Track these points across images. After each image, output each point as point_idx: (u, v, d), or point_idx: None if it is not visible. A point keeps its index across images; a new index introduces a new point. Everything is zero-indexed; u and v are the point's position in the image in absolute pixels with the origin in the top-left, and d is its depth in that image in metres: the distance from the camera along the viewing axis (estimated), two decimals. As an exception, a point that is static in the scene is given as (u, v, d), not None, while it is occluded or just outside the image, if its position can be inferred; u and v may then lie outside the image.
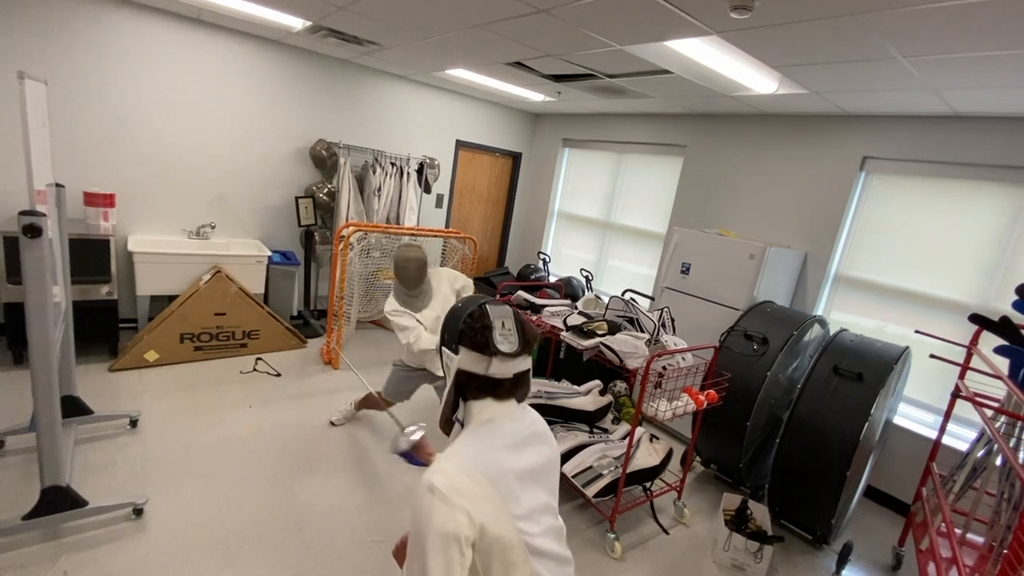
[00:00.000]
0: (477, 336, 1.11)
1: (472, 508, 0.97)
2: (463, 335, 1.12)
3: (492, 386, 1.12)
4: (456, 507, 0.95)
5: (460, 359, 1.13)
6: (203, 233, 4.30)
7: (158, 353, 3.65)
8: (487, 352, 1.10)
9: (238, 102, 4.28)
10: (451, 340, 1.15)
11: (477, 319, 1.13)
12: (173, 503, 2.38)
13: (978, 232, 3.14)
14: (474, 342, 1.11)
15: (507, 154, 6.27)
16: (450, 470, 1.00)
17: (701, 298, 3.70)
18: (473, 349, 1.11)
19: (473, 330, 1.12)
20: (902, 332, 3.41)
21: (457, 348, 1.13)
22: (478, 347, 1.11)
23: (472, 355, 1.12)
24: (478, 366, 1.11)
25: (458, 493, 0.97)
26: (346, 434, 3.22)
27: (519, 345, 1.13)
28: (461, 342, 1.13)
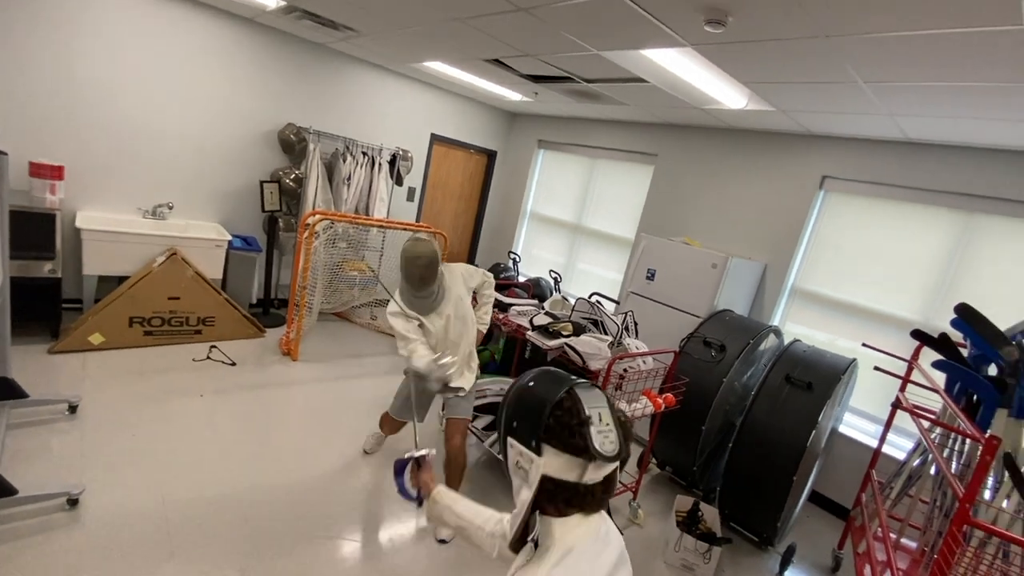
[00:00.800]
0: (572, 436, 0.86)
1: None
2: (551, 432, 0.87)
3: (583, 497, 0.88)
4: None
5: (545, 463, 0.86)
6: (160, 213, 4.11)
7: (104, 336, 3.46)
8: (585, 456, 0.85)
9: (205, 79, 4.11)
10: (529, 435, 0.89)
11: (570, 412, 0.87)
12: (112, 494, 2.27)
13: (925, 253, 3.32)
14: (567, 444, 0.86)
15: (482, 151, 6.25)
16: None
17: (664, 304, 3.78)
18: (565, 451, 0.86)
19: (566, 428, 0.86)
20: (851, 345, 3.57)
21: (539, 448, 0.87)
22: (573, 450, 0.86)
23: (562, 459, 0.86)
24: (570, 473, 0.86)
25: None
26: (298, 429, 3.14)
27: (620, 443, 0.88)
28: (548, 441, 0.87)
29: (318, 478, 2.69)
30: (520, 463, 0.90)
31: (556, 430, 0.87)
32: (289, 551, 2.18)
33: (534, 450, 0.87)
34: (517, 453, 0.90)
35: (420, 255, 2.25)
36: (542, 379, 0.96)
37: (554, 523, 0.89)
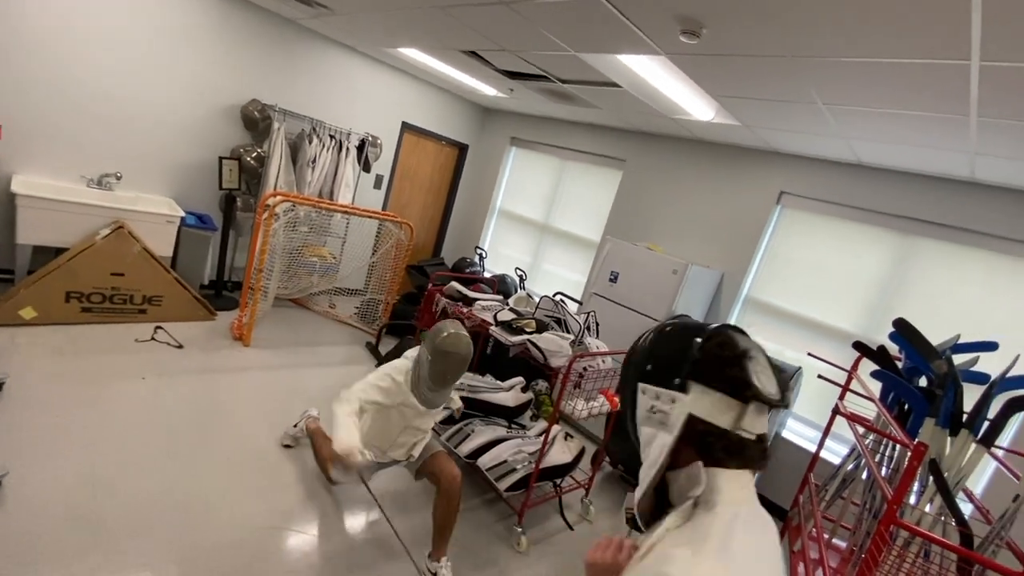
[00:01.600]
0: (730, 366, 0.74)
1: None
2: (703, 366, 0.75)
3: (743, 448, 0.74)
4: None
5: (693, 401, 0.74)
6: (106, 183, 3.87)
7: (36, 311, 3.23)
8: (744, 395, 0.73)
9: (166, 46, 3.89)
10: (670, 373, 0.76)
11: (725, 345, 0.76)
12: (39, 478, 2.12)
13: (868, 271, 3.53)
14: (723, 377, 0.74)
15: (454, 144, 6.20)
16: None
17: (625, 306, 3.85)
18: (719, 389, 0.74)
19: (722, 359, 0.75)
20: (797, 354, 3.75)
21: (686, 385, 0.74)
22: (730, 385, 0.74)
23: (714, 397, 0.74)
24: (722, 416, 0.73)
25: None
26: (246, 418, 3.03)
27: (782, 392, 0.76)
28: (697, 377, 0.74)
29: (264, 467, 2.60)
30: (656, 407, 0.76)
31: (708, 363, 0.74)
32: (232, 543, 2.10)
33: (677, 387, 0.74)
34: (652, 397, 0.77)
35: (462, 354, 2.06)
36: (681, 323, 0.83)
37: (716, 474, 0.72)
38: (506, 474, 2.72)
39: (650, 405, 0.78)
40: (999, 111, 2.08)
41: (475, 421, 3.03)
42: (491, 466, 2.65)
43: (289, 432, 2.80)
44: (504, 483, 2.71)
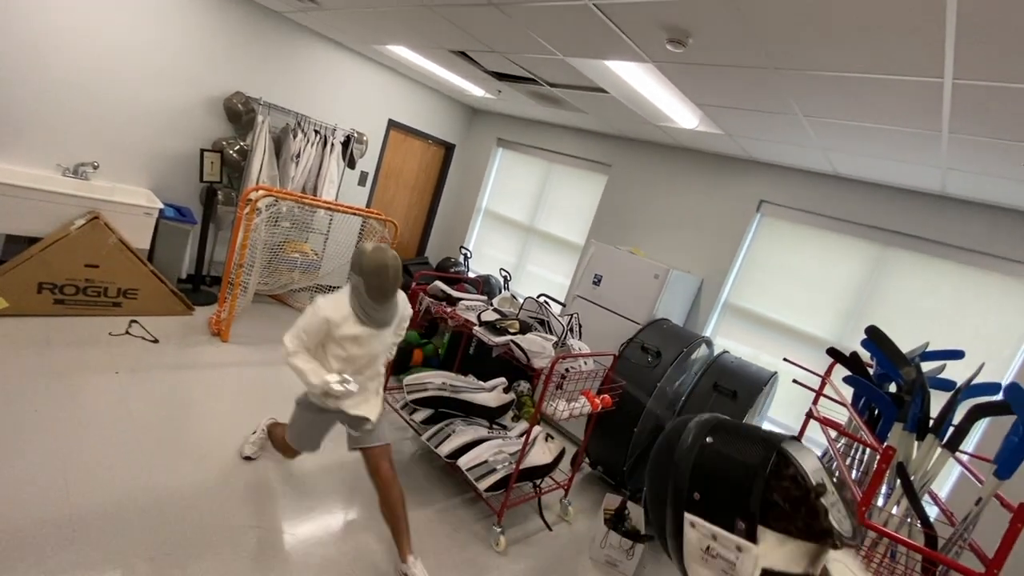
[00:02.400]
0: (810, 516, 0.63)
1: None
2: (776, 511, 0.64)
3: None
4: None
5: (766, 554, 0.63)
6: (82, 172, 3.77)
7: (6, 301, 3.13)
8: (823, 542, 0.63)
9: (150, 31, 3.81)
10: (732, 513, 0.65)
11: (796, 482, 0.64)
12: (9, 473, 2.06)
13: (843, 279, 3.62)
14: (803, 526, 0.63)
15: (440, 143, 6.19)
16: None
17: (607, 309, 3.89)
18: (796, 536, 0.63)
19: (798, 504, 0.63)
20: (773, 360, 3.83)
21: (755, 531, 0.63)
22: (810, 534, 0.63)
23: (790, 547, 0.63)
24: (795, 564, 0.63)
25: None
26: (223, 412, 2.98)
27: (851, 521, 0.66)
28: (770, 523, 0.64)
29: (239, 465, 2.56)
30: (714, 550, 0.66)
31: (783, 508, 0.63)
32: (208, 543, 2.07)
33: (742, 534, 0.63)
34: (707, 536, 0.66)
35: (391, 264, 2.04)
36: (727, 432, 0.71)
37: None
38: (486, 474, 2.72)
39: (706, 546, 0.67)
40: (970, 127, 2.16)
41: (456, 421, 3.03)
42: (471, 466, 2.65)
43: (249, 440, 2.64)
44: (484, 483, 2.71)
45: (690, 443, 0.71)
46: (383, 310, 2.12)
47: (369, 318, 2.10)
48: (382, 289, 2.05)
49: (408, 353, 4.01)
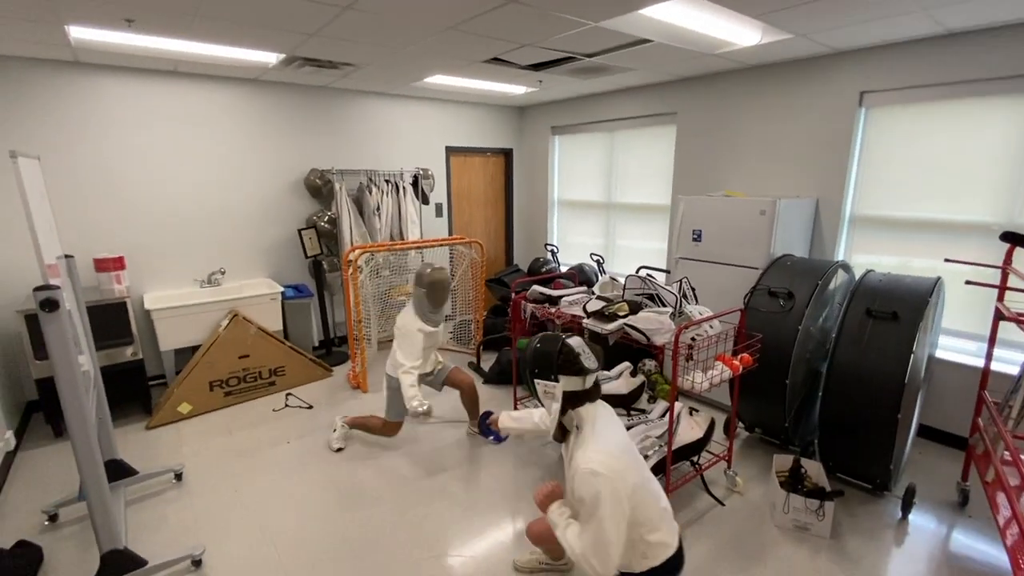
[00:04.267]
0: (573, 365, 1.64)
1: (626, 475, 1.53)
2: (563, 367, 1.64)
3: (589, 394, 1.67)
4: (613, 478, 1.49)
5: (563, 385, 1.64)
6: (214, 280, 4.34)
7: (191, 404, 3.68)
8: (583, 373, 1.65)
9: (226, 146, 4.31)
10: (549, 372, 1.67)
11: (569, 354, 1.65)
12: (229, 548, 2.40)
13: (991, 149, 3.03)
14: (573, 369, 1.64)
15: (498, 152, 6.24)
16: (602, 456, 1.51)
17: (718, 263, 3.63)
18: (573, 374, 1.63)
19: (569, 361, 1.64)
20: (930, 264, 3.31)
21: (557, 378, 1.65)
22: (577, 372, 1.64)
23: (571, 379, 1.64)
24: (579, 384, 1.65)
25: (612, 468, 1.50)
26: (382, 455, 3.21)
27: (596, 361, 1.69)
28: (561, 372, 1.64)
29: (413, 501, 2.74)
30: (547, 390, 1.70)
31: (565, 365, 1.65)
32: (406, 571, 2.24)
33: (554, 380, 1.67)
34: (543, 387, 1.71)
35: (446, 280, 3.02)
36: (544, 339, 1.74)
37: (580, 411, 1.66)
38: (639, 462, 2.65)
39: (543, 389, 1.71)
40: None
41: (593, 416, 2.99)
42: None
43: (333, 439, 3.28)
44: (639, 472, 2.64)
45: (532, 347, 1.74)
46: (439, 313, 3.08)
47: (430, 320, 3.05)
48: (440, 298, 3.02)
49: (527, 361, 4.06)
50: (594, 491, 1.46)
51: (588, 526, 1.50)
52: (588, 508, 1.49)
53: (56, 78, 3.57)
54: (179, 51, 3.36)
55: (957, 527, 2.56)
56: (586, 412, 1.62)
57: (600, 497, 1.45)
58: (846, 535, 2.48)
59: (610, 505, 1.46)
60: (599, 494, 1.45)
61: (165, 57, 3.52)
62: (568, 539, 1.57)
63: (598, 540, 1.48)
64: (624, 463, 1.53)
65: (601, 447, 1.53)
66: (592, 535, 1.49)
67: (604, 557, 1.48)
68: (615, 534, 1.47)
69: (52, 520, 2.59)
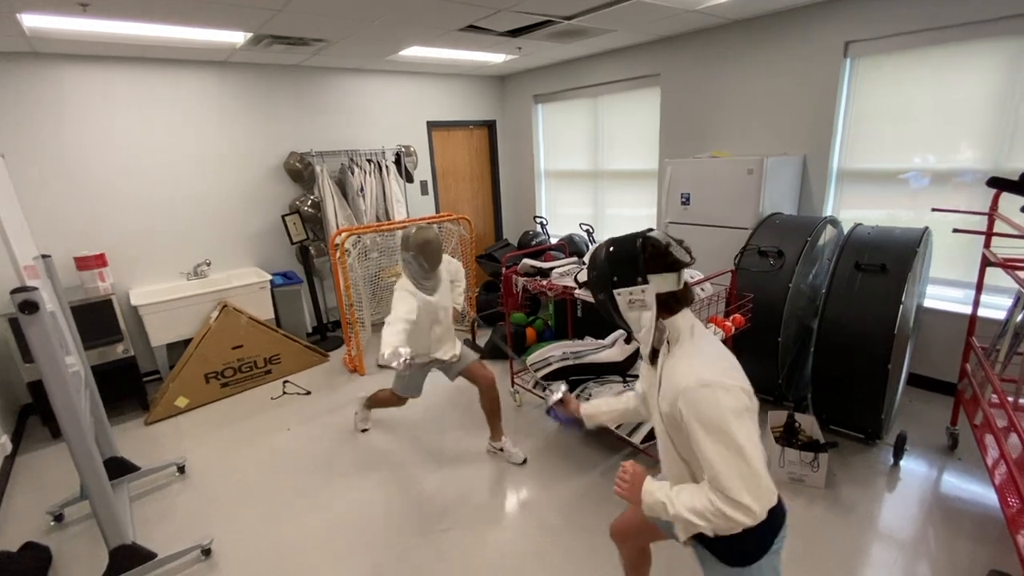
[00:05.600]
0: (665, 258, 1.20)
1: (742, 384, 1.14)
2: (651, 264, 1.20)
3: (684, 295, 1.24)
4: (731, 388, 1.11)
5: (653, 286, 1.20)
6: (200, 272, 4.27)
7: (187, 398, 3.67)
8: (677, 268, 1.21)
9: (200, 134, 4.18)
10: (632, 276, 1.21)
11: (655, 246, 1.21)
12: (238, 536, 2.43)
13: (977, 94, 3.00)
14: (664, 264, 1.20)
15: (480, 124, 6.12)
16: (713, 366, 1.15)
17: (707, 225, 3.62)
18: (665, 271, 1.20)
19: (660, 254, 1.20)
20: (917, 215, 3.32)
21: (645, 279, 1.20)
22: (669, 267, 1.20)
23: (664, 277, 1.20)
24: (672, 283, 1.21)
25: (726, 378, 1.12)
26: (391, 435, 3.24)
27: (688, 253, 1.24)
28: (650, 271, 1.20)
29: (422, 475, 2.78)
30: (633, 299, 1.23)
31: (654, 260, 1.20)
32: (416, 546, 2.28)
33: (640, 283, 1.20)
34: (627, 295, 1.23)
35: (432, 240, 2.54)
36: (617, 241, 1.26)
37: (676, 320, 1.23)
38: (636, 427, 2.69)
39: (628, 300, 1.23)
40: None
41: (589, 385, 3.02)
42: (619, 424, 2.63)
43: (358, 416, 3.27)
44: (637, 436, 2.68)
45: (603, 255, 1.26)
46: (432, 278, 2.66)
47: (422, 287, 2.63)
48: (431, 259, 2.55)
49: (521, 335, 4.07)
50: (717, 406, 1.07)
51: (718, 457, 1.06)
52: (712, 432, 1.07)
53: (15, 71, 3.42)
54: (139, 35, 3.21)
55: (947, 470, 2.63)
56: (683, 320, 1.22)
57: (726, 411, 1.07)
58: (840, 484, 2.54)
59: (741, 420, 1.08)
60: (724, 408, 1.07)
61: (127, 43, 3.37)
62: (688, 505, 1.11)
63: (741, 468, 1.05)
64: (737, 378, 1.15)
65: (710, 357, 1.17)
66: (729, 465, 1.05)
67: (754, 486, 1.05)
68: (757, 454, 1.07)
69: (58, 520, 2.61)
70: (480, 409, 3.17)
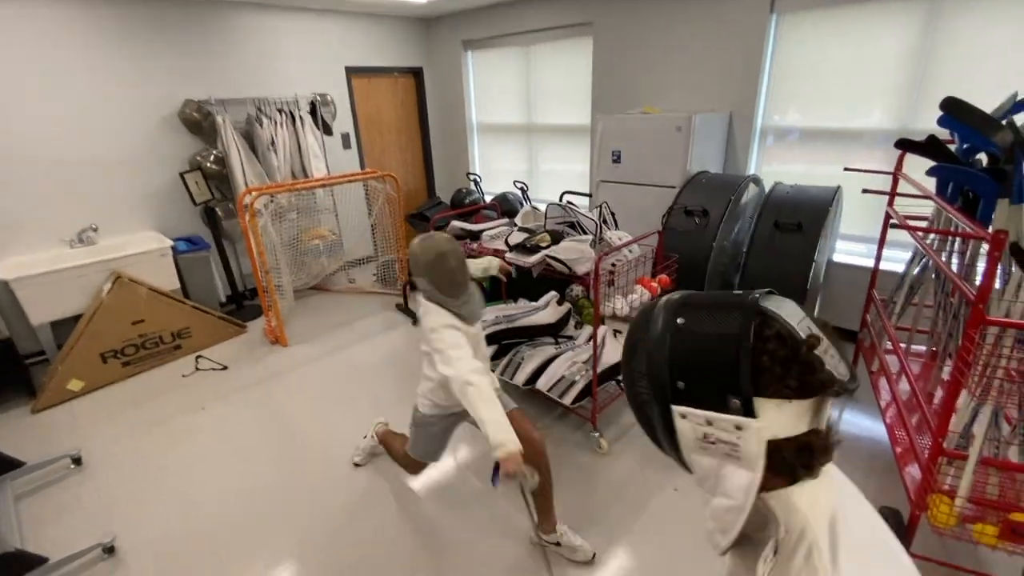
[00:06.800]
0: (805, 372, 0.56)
1: None
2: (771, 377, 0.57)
3: (824, 448, 0.59)
4: None
5: (769, 423, 0.57)
6: (86, 238, 3.77)
7: (82, 380, 3.30)
8: (823, 392, 0.58)
9: (79, 81, 3.57)
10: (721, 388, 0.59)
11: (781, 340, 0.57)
12: (146, 530, 2.24)
13: (891, 53, 3.10)
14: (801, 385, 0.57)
15: (406, 72, 5.70)
16: None
17: (637, 183, 3.60)
18: (793, 396, 0.57)
19: (790, 361, 0.57)
20: (833, 170, 3.46)
21: (750, 403, 0.57)
22: (807, 390, 0.57)
23: (790, 409, 0.57)
24: (799, 423, 0.58)
25: None
26: (316, 410, 3.09)
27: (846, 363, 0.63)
28: (766, 392, 0.57)
29: (338, 464, 2.68)
30: (714, 436, 0.60)
31: (774, 371, 0.56)
32: (337, 529, 2.20)
33: (738, 412, 0.57)
34: (702, 423, 0.60)
35: (448, 249, 1.79)
36: (696, 308, 0.63)
37: (795, 494, 0.58)
38: (567, 388, 2.71)
39: (703, 433, 0.61)
40: None
41: (522, 348, 3.00)
42: (551, 386, 2.63)
43: (360, 447, 2.62)
44: (568, 397, 2.70)
45: (661, 329, 0.64)
46: (467, 302, 1.87)
47: (462, 317, 1.84)
48: (453, 280, 1.79)
49: (455, 298, 3.96)
50: None
51: None
52: None
53: None
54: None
55: (845, 411, 2.87)
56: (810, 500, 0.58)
57: None
58: (755, 431, 2.71)
59: None
60: None
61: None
62: None
63: None
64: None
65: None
66: None
67: None
68: None
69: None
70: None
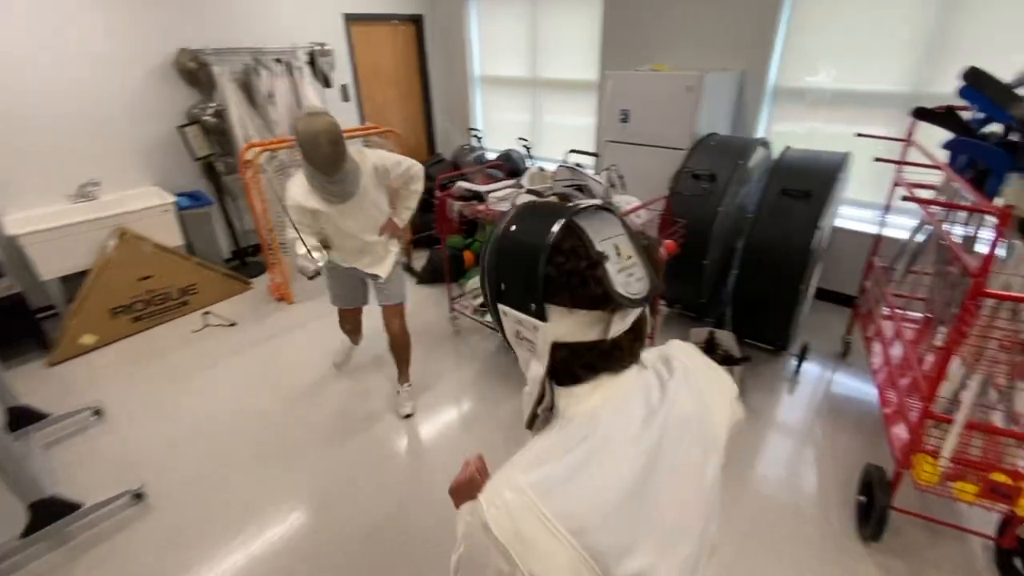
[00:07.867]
0: (584, 285, 0.60)
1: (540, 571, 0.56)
2: (557, 286, 0.61)
3: (608, 356, 0.64)
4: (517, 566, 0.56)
5: (552, 327, 0.62)
6: (88, 193, 3.72)
7: (95, 335, 3.37)
8: (606, 306, 0.62)
9: (69, 32, 3.42)
10: (524, 297, 0.63)
11: (574, 254, 0.61)
12: (172, 478, 2.37)
13: (909, 12, 3.00)
14: (579, 297, 0.61)
15: (406, 19, 5.46)
16: (517, 507, 0.57)
17: (645, 144, 3.56)
18: (577, 307, 0.61)
19: (573, 276, 0.60)
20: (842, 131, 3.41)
21: (542, 311, 0.62)
22: (588, 302, 0.61)
23: (575, 317, 0.62)
24: (588, 331, 0.62)
25: (523, 546, 0.56)
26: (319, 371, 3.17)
27: (649, 277, 0.65)
28: (552, 299, 0.61)
29: (359, 396, 2.78)
30: (522, 333, 0.66)
31: (559, 283, 0.61)
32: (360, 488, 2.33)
33: (535, 314, 0.62)
34: (514, 322, 0.66)
35: (320, 131, 1.88)
36: (526, 217, 0.67)
37: (573, 390, 0.65)
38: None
39: (515, 330, 0.67)
40: None
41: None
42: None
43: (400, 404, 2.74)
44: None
45: (499, 234, 0.68)
46: (338, 182, 2.03)
47: (329, 193, 2.06)
48: (324, 160, 1.93)
49: (459, 259, 3.99)
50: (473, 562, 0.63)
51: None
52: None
53: None
54: None
55: (839, 372, 2.99)
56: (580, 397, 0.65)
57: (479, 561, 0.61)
58: (751, 392, 2.82)
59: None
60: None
61: None
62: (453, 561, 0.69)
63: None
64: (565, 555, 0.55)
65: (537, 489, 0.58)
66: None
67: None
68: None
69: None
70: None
